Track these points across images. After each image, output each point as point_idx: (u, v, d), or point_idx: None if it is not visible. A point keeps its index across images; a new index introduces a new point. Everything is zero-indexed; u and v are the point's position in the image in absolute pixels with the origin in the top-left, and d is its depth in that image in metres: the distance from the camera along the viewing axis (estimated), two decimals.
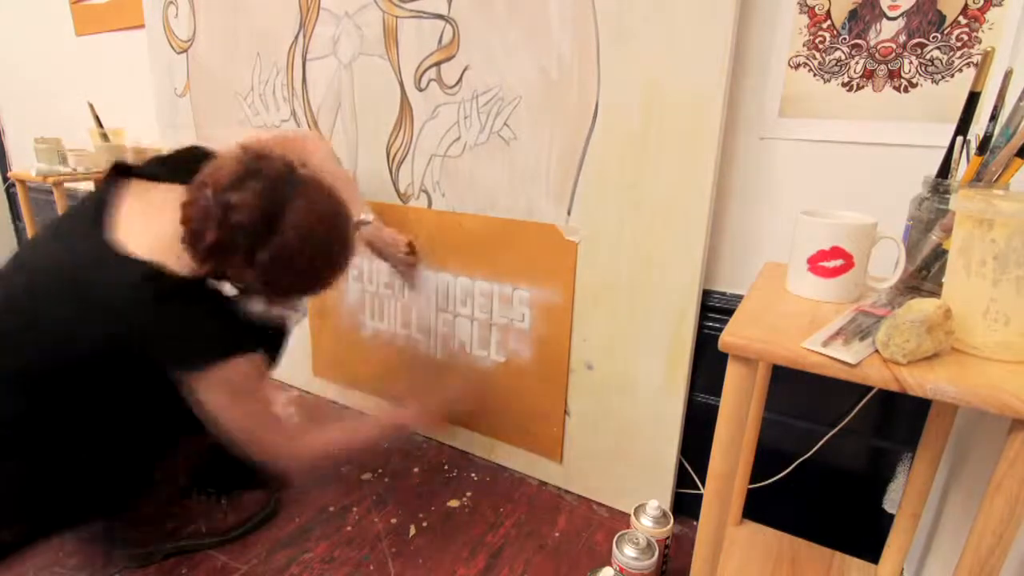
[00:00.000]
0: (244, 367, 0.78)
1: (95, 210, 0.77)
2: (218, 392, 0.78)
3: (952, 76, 0.75)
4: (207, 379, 0.76)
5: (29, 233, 2.03)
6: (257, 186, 0.72)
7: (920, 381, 0.49)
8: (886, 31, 0.77)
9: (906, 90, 0.78)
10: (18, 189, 1.95)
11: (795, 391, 0.94)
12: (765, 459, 0.96)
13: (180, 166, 0.82)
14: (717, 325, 0.97)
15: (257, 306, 0.85)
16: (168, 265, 0.74)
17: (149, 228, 0.76)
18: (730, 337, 0.56)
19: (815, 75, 0.83)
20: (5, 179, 2.57)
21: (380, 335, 1.32)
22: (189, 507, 1.01)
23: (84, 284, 0.74)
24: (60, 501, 0.81)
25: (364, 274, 1.30)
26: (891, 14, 0.77)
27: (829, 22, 0.81)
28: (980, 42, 0.73)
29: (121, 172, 0.82)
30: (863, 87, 0.80)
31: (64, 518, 0.84)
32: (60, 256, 0.78)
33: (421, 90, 1.12)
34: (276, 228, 0.73)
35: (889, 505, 0.93)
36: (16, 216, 2.60)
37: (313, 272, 0.80)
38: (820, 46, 0.82)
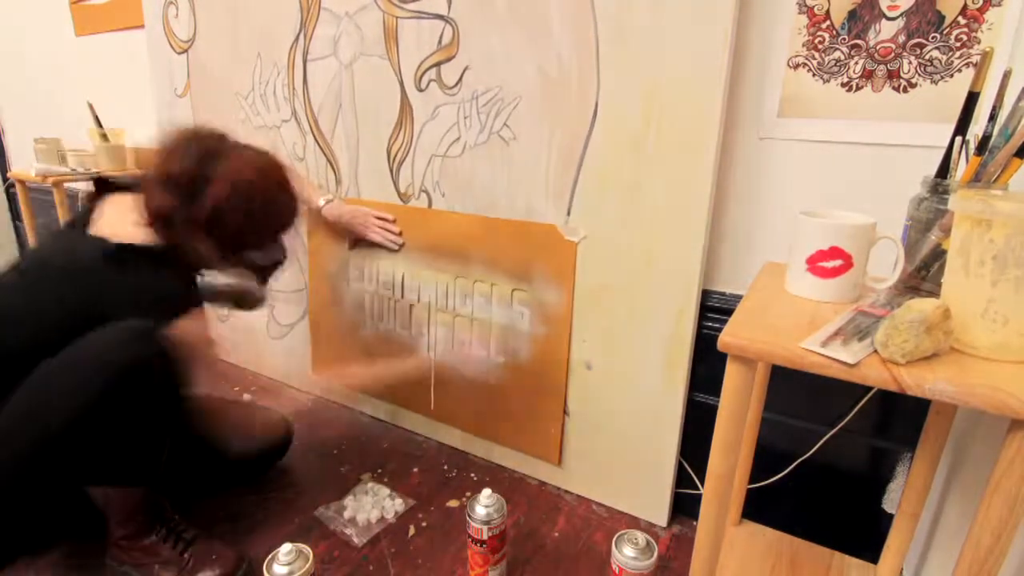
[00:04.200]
0: (190, 324, 0.87)
1: (79, 216, 0.90)
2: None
3: (951, 76, 0.75)
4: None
5: (29, 233, 2.03)
6: (191, 150, 0.85)
7: (919, 381, 0.49)
8: (885, 31, 0.77)
9: (905, 90, 0.78)
10: (18, 189, 1.95)
11: (794, 391, 0.94)
12: (764, 459, 0.96)
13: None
14: (716, 325, 0.97)
15: (221, 278, 0.95)
16: (130, 241, 0.84)
17: (122, 220, 0.86)
18: (729, 337, 0.56)
19: (814, 75, 0.83)
20: (5, 179, 2.57)
21: (379, 334, 1.32)
22: (152, 549, 0.91)
23: (61, 265, 0.86)
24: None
25: (364, 275, 1.30)
26: (890, 14, 0.77)
27: (828, 22, 0.81)
28: (979, 42, 0.73)
29: (101, 186, 0.93)
30: (862, 87, 0.80)
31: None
32: (47, 249, 0.95)
33: (421, 90, 1.12)
34: (209, 179, 0.84)
35: (888, 505, 0.93)
36: (16, 216, 2.60)
37: (255, 216, 0.88)
38: (819, 46, 0.82)
